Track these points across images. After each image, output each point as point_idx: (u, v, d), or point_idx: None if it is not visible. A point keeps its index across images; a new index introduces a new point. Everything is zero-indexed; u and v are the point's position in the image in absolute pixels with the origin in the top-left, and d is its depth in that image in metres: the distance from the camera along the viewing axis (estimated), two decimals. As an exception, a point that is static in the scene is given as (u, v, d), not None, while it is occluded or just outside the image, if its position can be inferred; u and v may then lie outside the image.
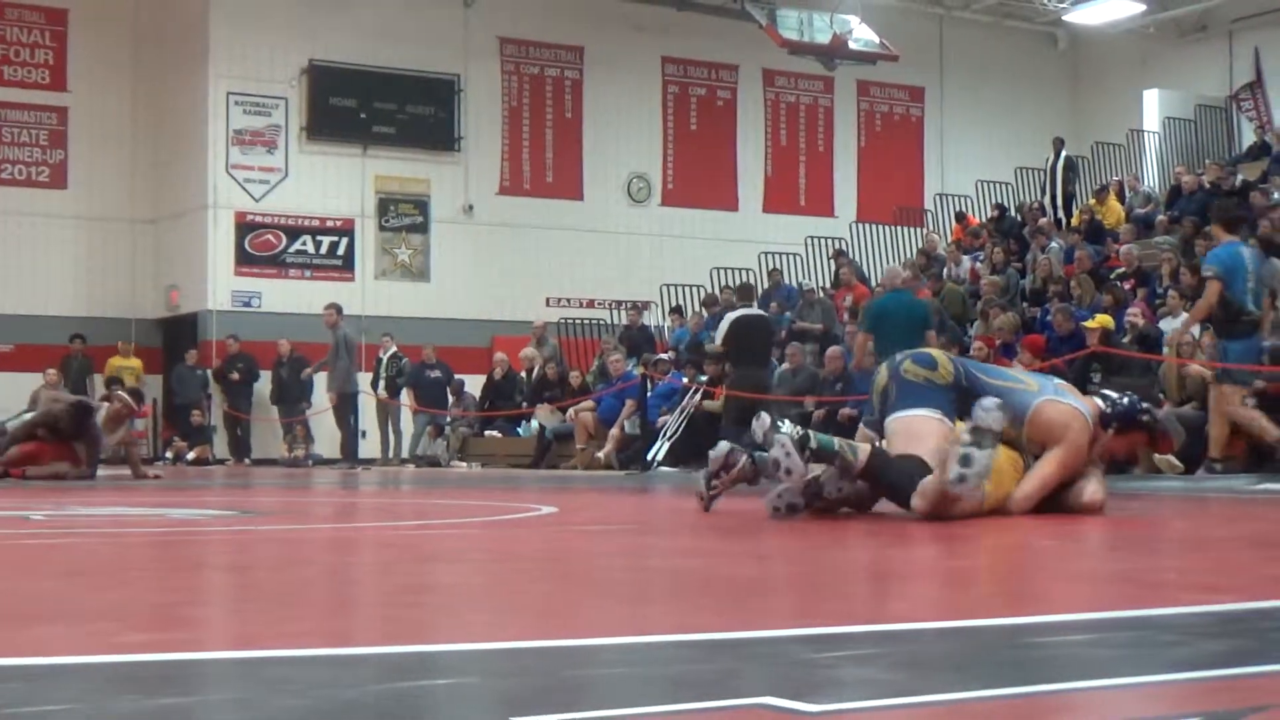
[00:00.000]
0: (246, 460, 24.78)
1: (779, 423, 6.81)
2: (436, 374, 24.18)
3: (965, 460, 6.42)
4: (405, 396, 24.29)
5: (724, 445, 7.57)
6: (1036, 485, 7.04)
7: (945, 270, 22.91)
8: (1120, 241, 21.45)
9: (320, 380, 24.50)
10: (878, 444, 7.05)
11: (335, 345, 21.87)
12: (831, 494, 7.05)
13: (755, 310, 17.62)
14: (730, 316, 16.88)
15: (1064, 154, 26.34)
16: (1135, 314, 16.31)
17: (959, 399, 7.02)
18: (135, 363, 25.57)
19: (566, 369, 23.43)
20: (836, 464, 6.86)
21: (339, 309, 22.27)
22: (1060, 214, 25.25)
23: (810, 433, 6.86)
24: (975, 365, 7.56)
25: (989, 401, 6.54)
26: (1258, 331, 13.05)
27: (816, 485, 7.00)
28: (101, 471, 16.12)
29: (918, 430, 6.94)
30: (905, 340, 12.47)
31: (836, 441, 6.89)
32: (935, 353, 7.42)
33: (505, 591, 4.10)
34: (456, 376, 24.47)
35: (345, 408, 22.17)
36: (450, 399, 24.44)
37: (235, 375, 25.09)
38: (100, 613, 3.47)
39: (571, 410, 21.27)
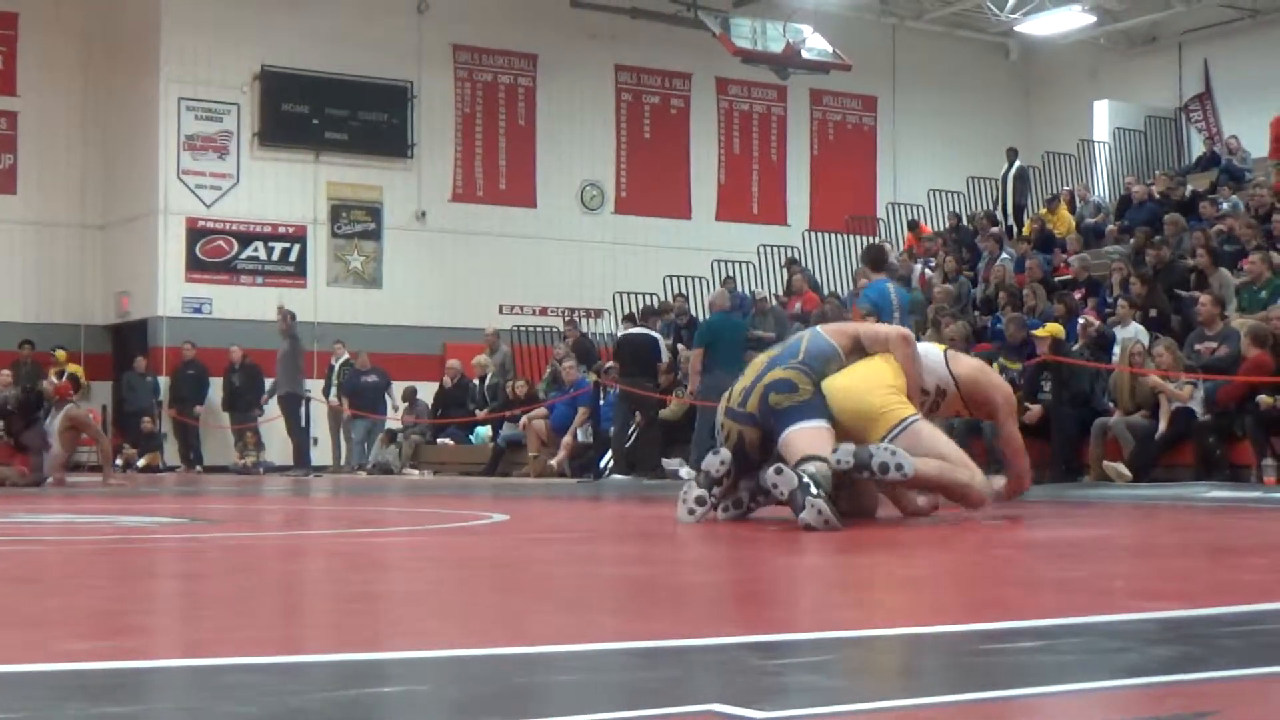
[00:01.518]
0: (198, 468, 24.65)
1: (806, 482, 6.78)
2: (373, 379, 24.08)
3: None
4: (338, 401, 24.21)
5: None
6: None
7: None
8: (1070, 251, 21.57)
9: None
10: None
11: (285, 349, 22.19)
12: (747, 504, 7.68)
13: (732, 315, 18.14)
14: (707, 321, 17.20)
15: (1016, 164, 26.47)
16: (1089, 320, 16.39)
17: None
18: (73, 369, 25.23)
19: (501, 381, 23.29)
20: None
21: (292, 315, 22.53)
22: (1011, 223, 25.36)
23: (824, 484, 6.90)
24: (815, 350, 7.87)
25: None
26: None
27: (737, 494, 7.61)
28: (72, 478, 16.02)
29: (815, 439, 7.29)
30: (732, 356, 15.59)
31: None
32: (788, 375, 7.61)
33: (456, 599, 4.09)
34: (409, 384, 24.40)
35: (291, 412, 22.23)
36: (389, 404, 24.36)
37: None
38: (45, 620, 3.44)
39: (524, 418, 21.22)
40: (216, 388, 25.31)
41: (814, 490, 6.70)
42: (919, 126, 32.01)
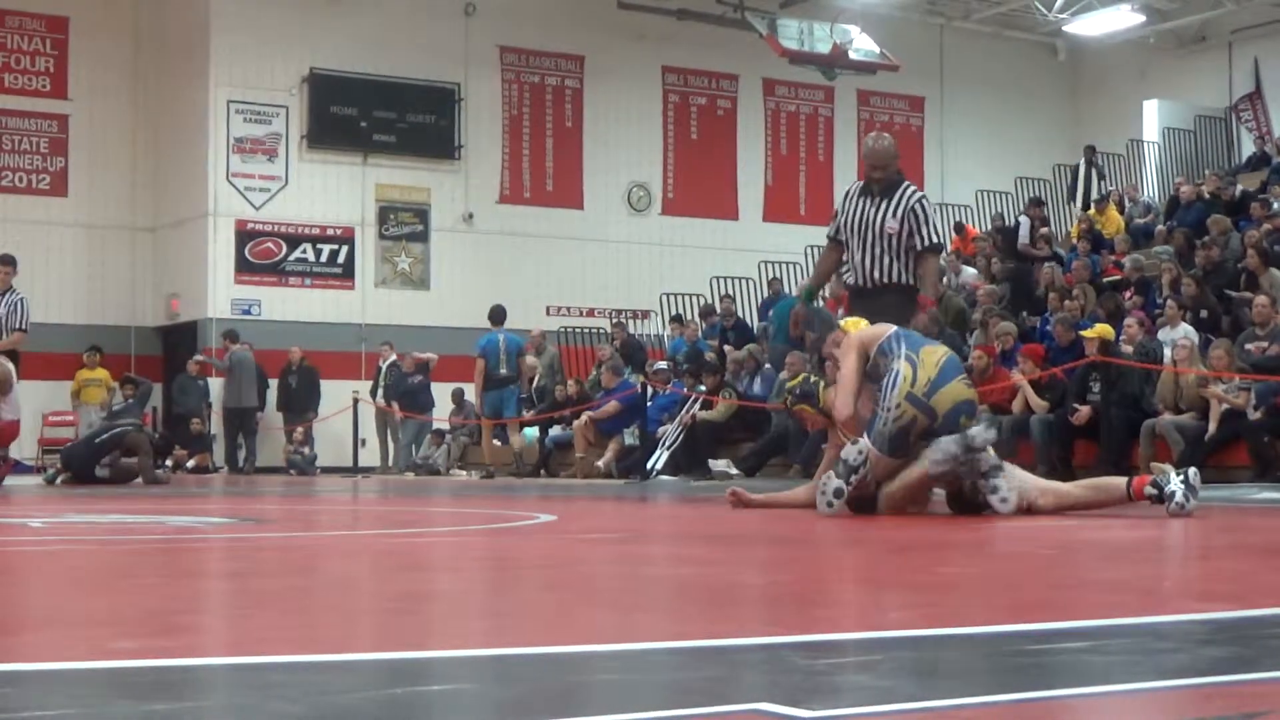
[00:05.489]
0: (247, 466, 24.77)
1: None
2: (419, 379, 24.15)
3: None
4: (385, 402, 24.35)
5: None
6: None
7: (945, 279, 22.90)
8: (1119, 252, 21.46)
9: (329, 389, 24.70)
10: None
11: (231, 365, 24.04)
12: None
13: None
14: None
15: (1093, 161, 26.36)
16: (1136, 324, 16.31)
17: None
18: (102, 374, 25.30)
19: (549, 382, 23.33)
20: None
21: (234, 334, 24.42)
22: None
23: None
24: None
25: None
26: None
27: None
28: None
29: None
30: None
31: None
32: (971, 395, 8.14)
33: (501, 598, 4.10)
34: (455, 385, 24.47)
35: (236, 423, 24.35)
36: (446, 405, 24.46)
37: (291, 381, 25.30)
38: (95, 619, 3.46)
39: (585, 415, 21.06)
40: (271, 389, 25.48)
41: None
42: (967, 127, 31.91)
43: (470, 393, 24.49)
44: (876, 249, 9.27)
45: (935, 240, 9.43)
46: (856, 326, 8.34)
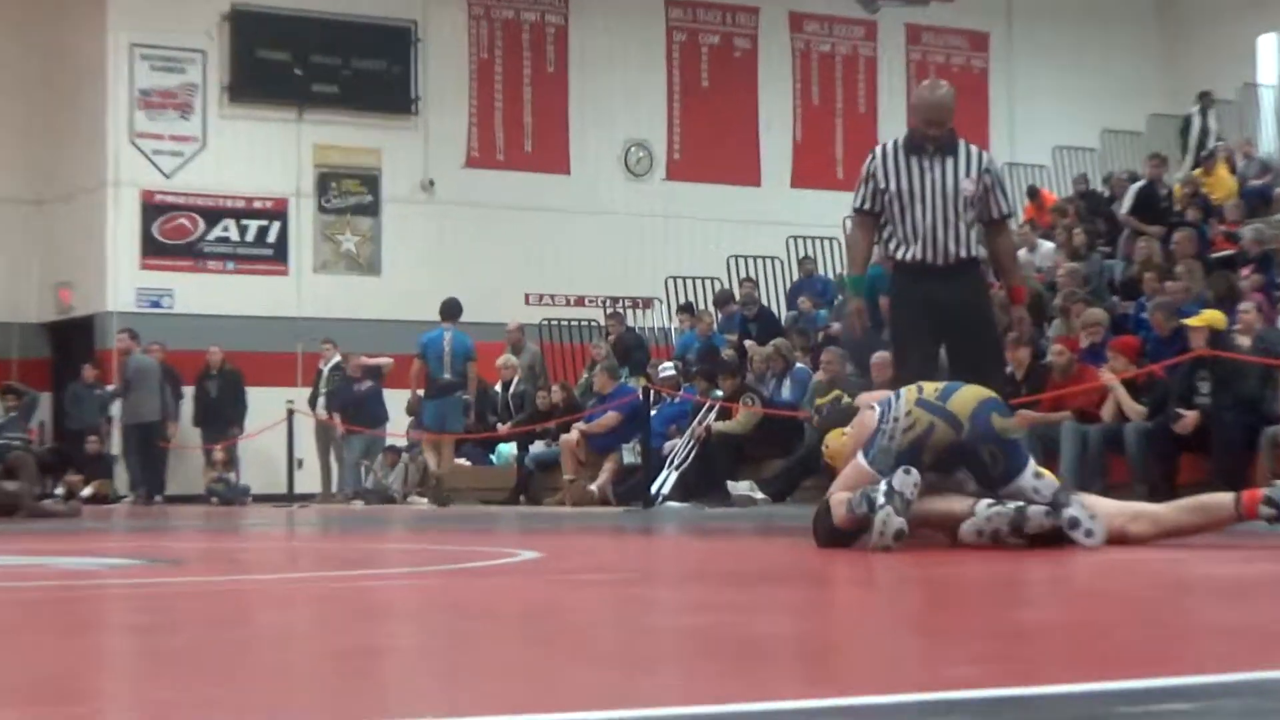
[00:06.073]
0: (158, 497, 24.72)
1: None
2: (368, 386, 24.13)
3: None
4: (327, 414, 24.34)
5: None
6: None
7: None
8: (1230, 220, 21.44)
9: (258, 398, 24.64)
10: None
11: (128, 373, 23.87)
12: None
13: None
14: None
15: (1209, 111, 26.36)
16: (1253, 308, 16.30)
17: None
18: None
19: (530, 388, 23.35)
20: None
21: (133, 333, 24.11)
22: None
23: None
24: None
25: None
26: None
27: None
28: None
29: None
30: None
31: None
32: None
33: (472, 656, 4.10)
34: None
35: (138, 439, 24.04)
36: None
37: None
38: (-27, 684, 3.46)
39: (574, 430, 21.08)
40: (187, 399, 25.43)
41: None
42: (1041, 70, 31.88)
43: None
44: (950, 215, 9.30)
45: (1009, 210, 9.49)
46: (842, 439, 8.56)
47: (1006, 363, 13.65)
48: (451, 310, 21.24)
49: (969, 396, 7.93)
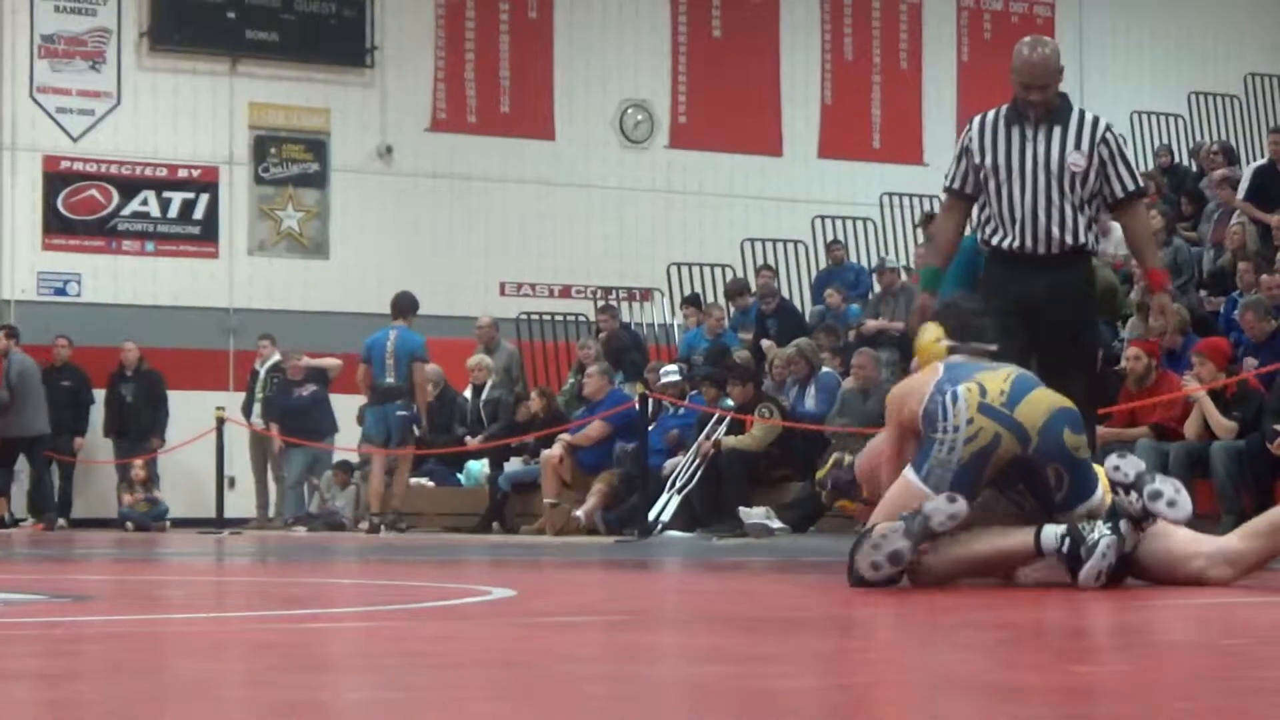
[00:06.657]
0: (61, 522, 24.70)
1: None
2: (312, 390, 24.10)
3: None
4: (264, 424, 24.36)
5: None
6: None
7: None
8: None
9: (181, 404, 24.64)
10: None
11: (9, 378, 23.78)
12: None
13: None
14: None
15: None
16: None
17: None
18: None
19: (506, 394, 23.33)
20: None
21: (10, 330, 24.07)
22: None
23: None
24: None
25: None
26: None
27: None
28: None
29: None
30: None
31: None
32: (1069, 404, 8.20)
33: (433, 714, 4.13)
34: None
35: (27, 456, 24.24)
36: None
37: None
38: None
39: (558, 444, 21.11)
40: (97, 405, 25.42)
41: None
42: (1116, 20, 31.89)
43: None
44: (1055, 195, 9.35)
45: (1141, 184, 9.53)
46: (935, 346, 8.46)
47: (1102, 375, 13.73)
48: (404, 307, 21.22)
49: (1040, 405, 7.93)
